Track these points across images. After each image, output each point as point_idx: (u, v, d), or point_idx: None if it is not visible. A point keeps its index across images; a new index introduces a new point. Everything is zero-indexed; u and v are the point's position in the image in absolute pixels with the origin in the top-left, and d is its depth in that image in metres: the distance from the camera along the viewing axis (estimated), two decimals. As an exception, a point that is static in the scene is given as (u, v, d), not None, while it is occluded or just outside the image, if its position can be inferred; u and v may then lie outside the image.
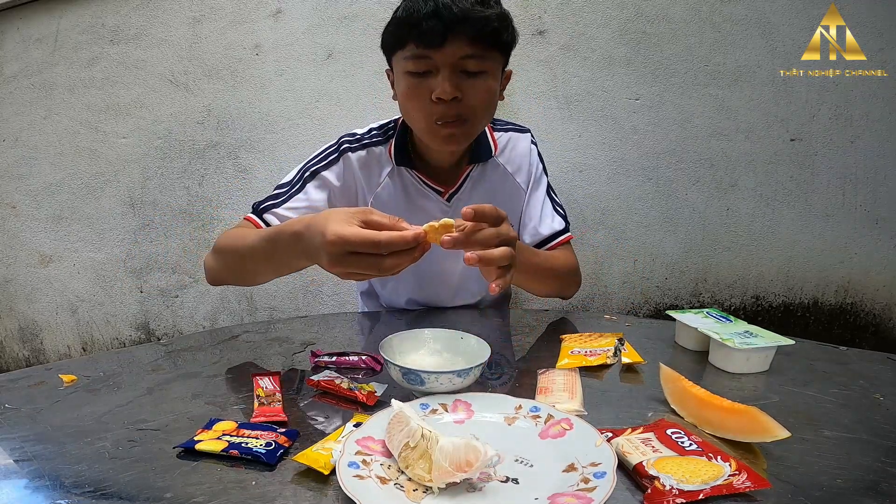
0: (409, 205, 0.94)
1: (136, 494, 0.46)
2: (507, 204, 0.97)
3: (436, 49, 0.76)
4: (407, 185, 0.94)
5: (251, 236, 0.75)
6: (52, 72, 1.64)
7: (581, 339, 0.77)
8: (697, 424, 0.56)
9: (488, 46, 0.78)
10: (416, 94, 0.80)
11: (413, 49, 0.78)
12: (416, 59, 0.78)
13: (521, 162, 0.99)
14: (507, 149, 0.99)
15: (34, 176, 1.71)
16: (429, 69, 0.78)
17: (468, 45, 0.76)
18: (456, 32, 0.75)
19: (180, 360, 0.76)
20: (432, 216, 0.92)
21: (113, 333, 1.79)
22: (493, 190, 0.97)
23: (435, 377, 0.58)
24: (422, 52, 0.77)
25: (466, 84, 0.79)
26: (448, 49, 0.76)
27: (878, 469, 0.49)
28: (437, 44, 0.76)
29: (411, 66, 0.79)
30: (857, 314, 1.54)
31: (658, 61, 1.42)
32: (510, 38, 0.82)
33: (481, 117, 0.84)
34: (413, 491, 0.44)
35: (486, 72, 0.80)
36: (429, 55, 0.77)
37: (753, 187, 1.48)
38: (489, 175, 0.97)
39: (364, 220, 0.57)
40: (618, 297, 1.56)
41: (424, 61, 0.78)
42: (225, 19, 1.51)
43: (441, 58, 0.77)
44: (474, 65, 0.78)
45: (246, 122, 1.56)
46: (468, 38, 0.76)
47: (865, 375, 0.69)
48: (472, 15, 0.74)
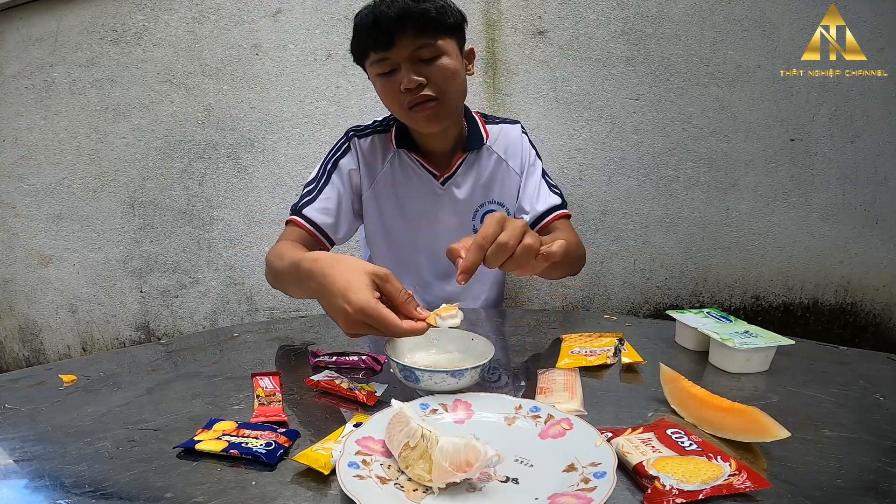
0: (406, 185, 1.02)
1: (136, 494, 0.46)
2: (502, 186, 1.05)
3: (389, 49, 0.86)
4: (405, 167, 1.02)
5: (286, 258, 0.78)
6: (52, 72, 1.64)
7: (581, 339, 0.77)
8: (697, 424, 0.56)
9: (432, 33, 0.86)
10: (388, 91, 0.90)
11: (373, 56, 0.88)
12: (379, 62, 0.88)
13: (513, 149, 1.06)
14: (499, 137, 1.06)
15: (34, 176, 1.71)
16: (392, 67, 0.88)
17: (415, 37, 0.85)
18: (401, 31, 0.84)
19: (180, 360, 0.76)
20: (427, 196, 1.03)
21: (113, 333, 1.79)
22: (487, 174, 1.04)
23: (429, 375, 0.58)
24: (380, 55, 0.87)
25: (427, 70, 0.87)
26: (399, 47, 0.85)
27: (878, 469, 0.49)
28: (389, 45, 0.85)
29: (377, 69, 0.89)
30: (857, 314, 1.54)
31: (658, 61, 1.42)
32: (454, 19, 0.89)
33: (451, 93, 0.91)
34: (413, 491, 0.44)
35: (440, 55, 0.88)
36: (387, 56, 0.87)
37: (753, 187, 1.48)
38: (483, 161, 1.04)
39: (382, 289, 0.59)
40: (618, 297, 1.56)
41: (386, 62, 0.88)
42: (225, 19, 1.51)
43: (397, 55, 0.86)
44: (428, 52, 0.87)
45: (246, 122, 1.56)
46: (413, 32, 0.84)
47: (865, 375, 0.69)
48: (410, 11, 0.83)
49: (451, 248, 0.63)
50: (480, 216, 1.04)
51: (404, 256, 1.07)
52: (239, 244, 1.64)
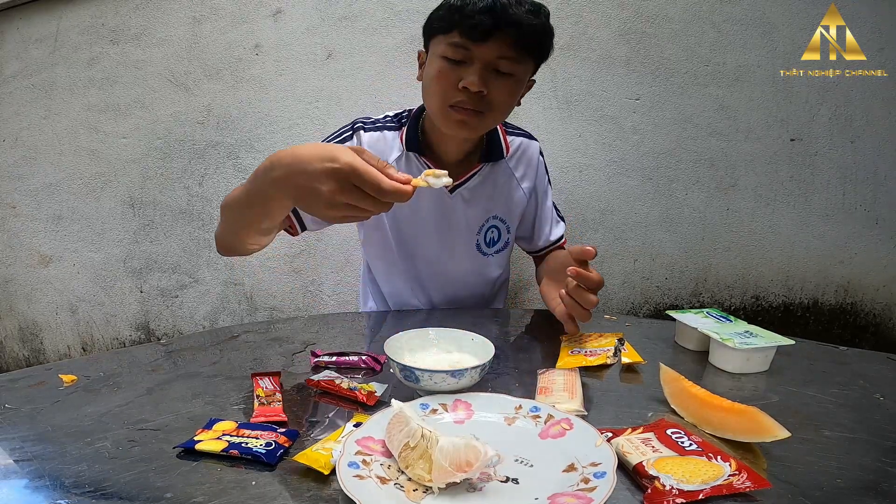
0: None
1: (136, 494, 0.46)
2: (507, 207, 1.02)
3: (478, 43, 0.79)
4: (413, 170, 0.95)
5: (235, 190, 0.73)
6: (52, 72, 1.63)
7: (581, 339, 0.77)
8: (697, 424, 0.56)
9: (525, 53, 0.81)
10: (444, 77, 0.82)
11: (456, 37, 0.80)
12: (457, 47, 0.80)
13: (529, 171, 1.04)
14: (517, 153, 1.02)
15: (34, 176, 1.71)
16: (465, 59, 0.81)
17: (508, 46, 0.79)
18: (502, 33, 0.78)
19: (180, 360, 0.75)
20: (433, 204, 0.97)
21: (113, 333, 1.79)
22: (498, 191, 1.01)
23: (429, 375, 0.58)
24: (464, 41, 0.79)
25: (494, 81, 0.82)
26: (489, 46, 0.79)
27: (878, 469, 0.49)
28: (481, 39, 0.78)
29: (450, 53, 0.81)
30: (857, 314, 1.54)
31: (658, 61, 1.42)
32: (547, 51, 0.86)
33: (497, 115, 0.86)
34: (413, 491, 0.44)
35: (514, 74, 0.83)
36: (469, 47, 0.79)
37: (753, 187, 1.48)
38: (497, 176, 1.00)
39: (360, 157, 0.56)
40: (618, 297, 1.56)
41: (463, 51, 0.80)
42: (225, 19, 1.51)
43: (480, 52, 0.79)
44: (507, 66, 0.81)
45: (246, 122, 1.56)
46: (511, 40, 0.79)
47: (865, 375, 0.69)
48: (523, 21, 0.77)
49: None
50: (485, 231, 1.02)
51: (403, 264, 1.03)
52: (239, 244, 1.64)
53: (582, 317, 0.75)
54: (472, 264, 1.04)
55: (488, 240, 1.03)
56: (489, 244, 1.03)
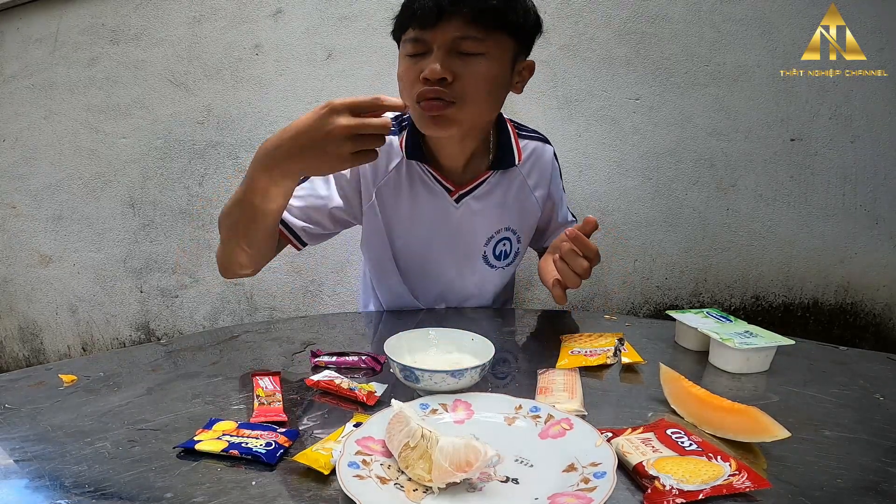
0: (413, 198, 0.91)
1: (136, 494, 0.46)
2: (519, 218, 0.96)
3: (430, 29, 0.74)
4: (414, 177, 0.90)
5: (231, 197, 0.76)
6: (52, 72, 1.63)
7: (581, 339, 0.77)
8: (697, 424, 0.56)
9: (490, 28, 0.74)
10: (407, 74, 0.78)
11: (411, 33, 0.76)
12: (413, 41, 0.76)
13: (542, 178, 0.97)
14: (530, 160, 0.95)
15: (34, 176, 1.71)
16: (425, 51, 0.75)
17: (465, 24, 0.73)
18: (452, 12, 0.72)
19: (180, 360, 0.75)
20: (438, 213, 0.91)
21: (113, 333, 1.79)
22: (509, 200, 0.94)
23: (429, 375, 0.58)
24: (418, 33, 0.75)
25: (460, 65, 0.75)
26: (443, 29, 0.73)
27: (878, 469, 0.49)
28: (431, 24, 0.73)
29: (409, 49, 0.77)
30: (857, 314, 1.54)
31: (658, 61, 1.42)
32: (522, 20, 0.77)
33: (473, 103, 0.78)
34: (413, 491, 0.44)
35: (484, 54, 0.75)
36: (424, 37, 0.75)
37: (753, 187, 1.48)
38: (508, 185, 0.94)
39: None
40: (618, 297, 1.56)
41: (420, 43, 0.76)
42: (225, 19, 1.51)
43: (434, 37, 0.74)
44: (471, 45, 0.74)
45: (246, 122, 1.56)
46: (465, 18, 0.72)
47: (865, 375, 0.69)
48: None
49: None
50: (495, 243, 0.96)
51: (399, 274, 0.97)
52: (239, 244, 1.64)
53: (571, 282, 0.72)
54: (477, 277, 0.98)
55: (498, 253, 0.96)
56: (498, 257, 0.97)
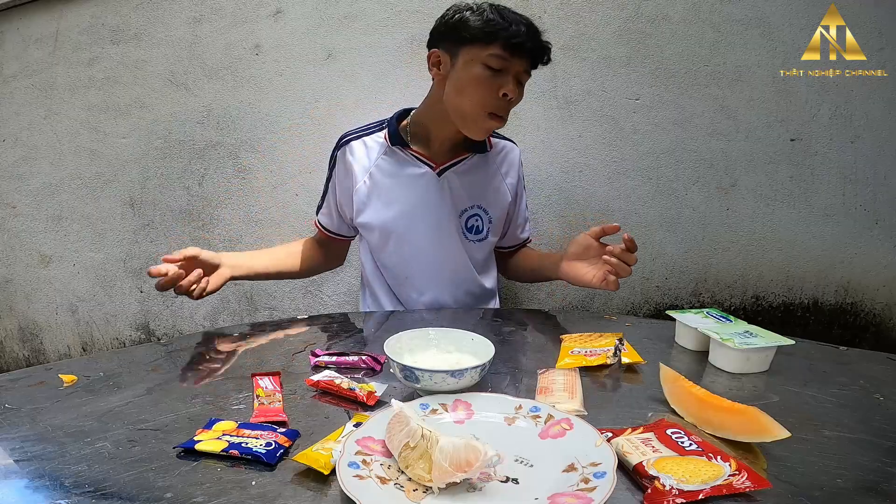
0: (401, 176, 1.06)
1: (136, 494, 0.46)
2: (492, 198, 1.11)
3: (517, 58, 0.93)
4: (400, 160, 1.07)
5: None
6: (52, 72, 1.63)
7: (581, 339, 0.77)
8: (697, 424, 0.56)
9: (534, 68, 0.98)
10: (486, 84, 0.94)
11: (499, 49, 0.92)
12: (500, 58, 0.92)
13: (512, 170, 1.14)
14: (501, 153, 1.13)
15: (34, 176, 1.71)
16: (503, 69, 0.93)
17: (529, 62, 0.96)
18: (532, 51, 0.94)
19: (180, 360, 0.76)
20: (423, 186, 1.06)
21: (113, 333, 1.79)
22: (483, 182, 1.10)
23: (429, 375, 0.58)
24: (505, 54, 0.92)
25: (517, 91, 0.96)
26: (522, 60, 0.94)
27: (878, 469, 0.49)
28: (520, 55, 0.93)
29: (492, 62, 0.92)
30: (857, 314, 1.54)
31: (658, 61, 1.42)
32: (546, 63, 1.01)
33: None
34: (413, 491, 0.44)
35: (523, 86, 0.98)
36: (509, 59, 0.92)
37: (753, 187, 1.48)
38: (484, 168, 1.10)
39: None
40: (618, 297, 1.56)
41: (503, 62, 0.92)
42: (225, 19, 1.51)
43: (516, 66, 0.94)
44: (525, 78, 0.97)
45: (246, 122, 1.56)
46: (534, 58, 0.96)
47: (865, 375, 0.69)
48: (544, 45, 0.96)
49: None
50: (467, 217, 1.09)
51: (394, 246, 1.09)
52: (239, 244, 1.63)
53: (626, 272, 0.90)
54: (455, 248, 1.09)
55: (469, 226, 1.10)
56: (470, 230, 1.10)
